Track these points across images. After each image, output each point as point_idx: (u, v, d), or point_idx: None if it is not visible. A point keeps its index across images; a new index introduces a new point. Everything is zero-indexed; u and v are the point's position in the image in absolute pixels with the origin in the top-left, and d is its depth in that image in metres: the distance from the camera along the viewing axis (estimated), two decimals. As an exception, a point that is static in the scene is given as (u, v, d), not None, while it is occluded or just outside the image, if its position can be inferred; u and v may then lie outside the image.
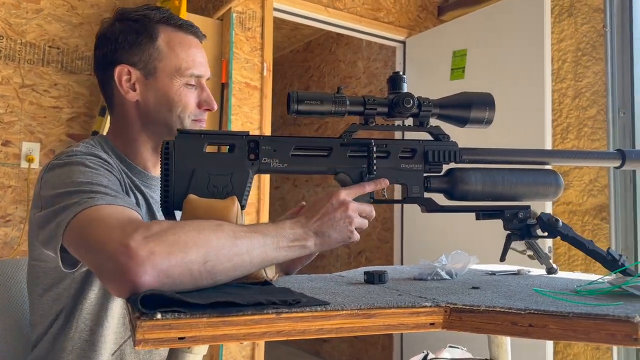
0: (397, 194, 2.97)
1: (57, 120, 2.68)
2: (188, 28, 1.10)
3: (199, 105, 1.10)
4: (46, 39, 2.68)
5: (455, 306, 0.76)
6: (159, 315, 0.63)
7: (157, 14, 1.08)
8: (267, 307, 0.69)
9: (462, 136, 1.08)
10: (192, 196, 0.88)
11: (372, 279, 0.99)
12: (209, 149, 0.94)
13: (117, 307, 1.02)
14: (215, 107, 1.12)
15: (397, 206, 3.34)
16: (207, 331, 0.65)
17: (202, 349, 0.80)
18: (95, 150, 1.02)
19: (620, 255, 0.97)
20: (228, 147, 0.95)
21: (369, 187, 0.97)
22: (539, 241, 1.10)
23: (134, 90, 1.06)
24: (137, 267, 0.68)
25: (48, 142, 2.65)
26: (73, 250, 0.83)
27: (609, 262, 0.97)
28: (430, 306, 0.76)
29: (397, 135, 2.85)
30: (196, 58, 1.09)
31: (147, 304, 0.66)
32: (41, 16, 2.67)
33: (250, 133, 0.97)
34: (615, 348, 2.28)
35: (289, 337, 0.70)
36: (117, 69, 1.06)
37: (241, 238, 0.78)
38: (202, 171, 0.91)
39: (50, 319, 1.01)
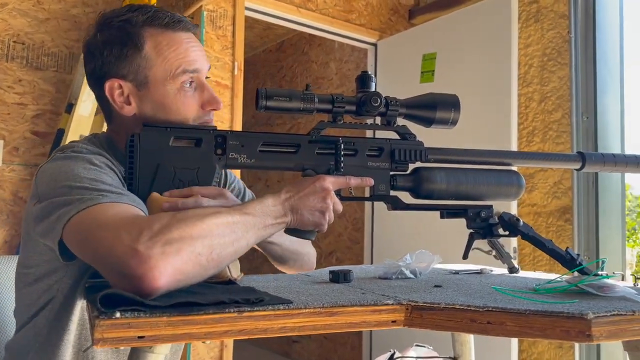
0: (365, 191, 2.99)
1: (22, 117, 2.62)
2: (175, 25, 1.01)
3: (203, 106, 1.01)
4: (11, 34, 2.61)
5: (417, 304, 0.77)
6: (118, 314, 0.63)
7: (140, 16, 0.99)
8: (229, 305, 0.69)
9: (430, 136, 1.09)
10: (155, 195, 0.88)
11: (337, 277, 0.99)
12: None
13: None
14: (221, 105, 1.03)
15: (367, 206, 3.36)
16: (168, 330, 0.65)
17: (164, 349, 0.79)
18: (100, 149, 0.99)
19: (578, 255, 1.00)
20: (195, 141, 0.94)
21: (354, 182, 0.98)
22: (504, 241, 1.12)
23: (129, 104, 0.99)
24: (151, 271, 0.68)
25: (12, 139, 2.58)
26: (75, 249, 0.81)
27: (568, 261, 1.00)
28: (392, 304, 0.77)
29: (369, 134, 2.87)
30: (187, 54, 1.00)
31: (107, 303, 0.65)
32: (6, 10, 2.60)
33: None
34: (577, 346, 2.34)
35: (251, 336, 0.70)
36: (107, 84, 0.99)
37: (238, 222, 0.79)
38: (168, 165, 0.91)
39: (36, 309, 0.99)
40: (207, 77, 1.05)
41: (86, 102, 2.45)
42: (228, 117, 2.69)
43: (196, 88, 1.01)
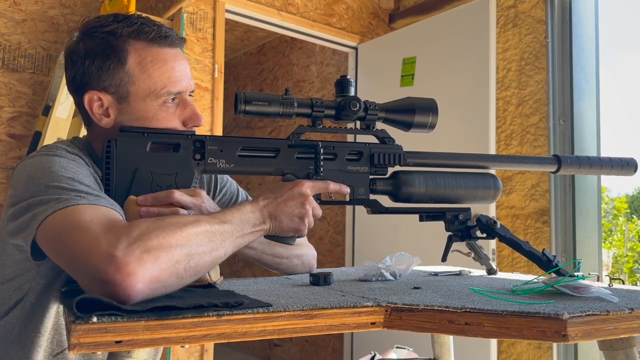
0: (345, 195, 2.99)
1: (-3, 120, 2.57)
2: (162, 40, 0.98)
3: (184, 123, 1.00)
4: (-14, 35, 2.57)
5: (396, 306, 0.77)
6: (94, 319, 0.62)
7: (126, 28, 0.97)
8: (207, 309, 0.69)
9: (409, 140, 1.10)
10: (132, 198, 0.87)
11: (318, 280, 1.00)
12: None
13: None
14: (203, 122, 1.02)
15: (348, 209, 3.37)
16: (145, 334, 0.64)
17: (142, 353, 0.79)
18: (77, 150, 0.97)
19: (554, 256, 1.02)
20: (173, 146, 0.94)
21: (333, 187, 0.99)
22: (483, 243, 1.13)
23: (108, 116, 0.97)
24: (128, 278, 0.67)
25: (-13, 142, 2.54)
26: (48, 250, 0.79)
27: (544, 262, 1.01)
28: (372, 306, 0.77)
29: (349, 138, 2.87)
30: (173, 74, 0.98)
31: (83, 307, 0.64)
32: (-19, 11, 2.55)
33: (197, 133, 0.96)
34: (555, 346, 2.37)
35: (231, 340, 0.70)
36: (87, 96, 0.97)
37: (216, 232, 0.79)
38: (145, 170, 0.90)
39: (7, 307, 0.97)
40: (190, 94, 1.03)
41: (64, 105, 2.42)
42: (208, 119, 2.68)
43: (178, 104, 1.00)
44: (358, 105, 0.99)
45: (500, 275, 1.19)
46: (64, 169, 0.86)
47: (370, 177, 1.04)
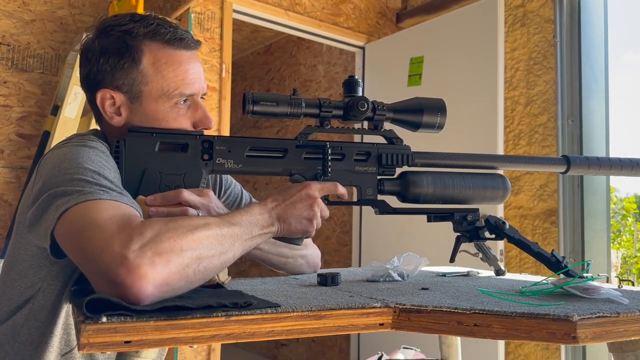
0: (353, 195, 2.99)
1: (7, 119, 2.59)
2: (177, 42, 0.99)
3: (195, 125, 1.01)
4: (-5, 35, 2.58)
5: (404, 307, 0.77)
6: (104, 319, 0.62)
7: (142, 28, 0.98)
8: (216, 310, 0.69)
9: (417, 140, 1.10)
10: (141, 198, 0.87)
11: (325, 281, 1.00)
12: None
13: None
14: (213, 124, 1.03)
15: (355, 209, 3.37)
16: (154, 334, 0.64)
17: (151, 353, 0.79)
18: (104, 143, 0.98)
19: (564, 257, 1.01)
20: (181, 146, 0.94)
21: (341, 190, 0.99)
22: (491, 244, 1.13)
23: (119, 115, 0.98)
24: (139, 281, 0.67)
25: (-4, 141, 2.56)
26: (64, 243, 0.79)
27: (553, 263, 1.01)
28: (380, 307, 0.77)
29: (357, 138, 2.87)
30: (186, 76, 0.99)
31: (93, 307, 0.64)
32: (-10, 11, 2.57)
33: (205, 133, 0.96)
34: (562, 347, 2.36)
35: (239, 340, 0.70)
36: (99, 94, 0.98)
37: (225, 235, 0.79)
38: (154, 171, 0.91)
39: (16, 305, 0.97)
40: (202, 97, 1.04)
41: (72, 104, 2.43)
42: (216, 119, 2.69)
43: (190, 107, 1.01)
44: (366, 106, 0.99)
45: (509, 276, 1.19)
46: (91, 162, 0.85)
47: (378, 177, 1.04)
